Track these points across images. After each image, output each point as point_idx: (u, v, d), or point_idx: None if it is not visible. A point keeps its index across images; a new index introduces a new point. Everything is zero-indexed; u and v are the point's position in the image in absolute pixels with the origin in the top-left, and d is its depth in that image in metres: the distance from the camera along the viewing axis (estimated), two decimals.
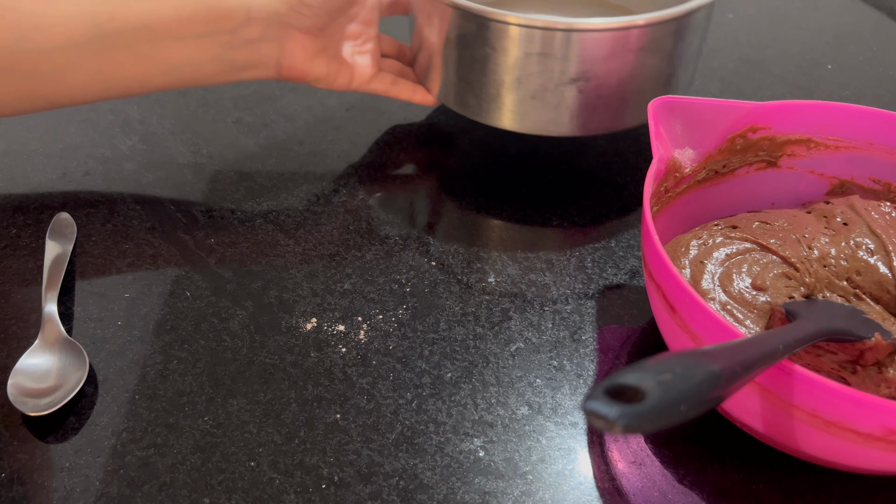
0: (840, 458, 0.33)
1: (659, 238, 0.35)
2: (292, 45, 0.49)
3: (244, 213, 0.52)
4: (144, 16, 0.45)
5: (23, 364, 0.39)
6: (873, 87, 0.71)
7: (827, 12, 0.85)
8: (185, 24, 0.45)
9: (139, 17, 0.45)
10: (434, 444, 0.38)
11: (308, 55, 0.50)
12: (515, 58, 0.49)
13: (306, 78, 0.51)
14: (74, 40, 0.44)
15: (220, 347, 0.42)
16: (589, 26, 0.47)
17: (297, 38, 0.49)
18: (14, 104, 0.46)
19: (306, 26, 0.48)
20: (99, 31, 0.44)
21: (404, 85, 0.57)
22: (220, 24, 0.46)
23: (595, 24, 0.47)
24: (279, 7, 0.47)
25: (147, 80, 0.47)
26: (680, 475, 0.37)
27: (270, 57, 0.49)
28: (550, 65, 0.49)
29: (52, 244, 0.47)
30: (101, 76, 0.46)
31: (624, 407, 0.21)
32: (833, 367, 0.36)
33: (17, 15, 0.43)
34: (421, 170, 0.57)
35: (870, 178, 0.46)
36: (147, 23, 0.45)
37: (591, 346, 0.43)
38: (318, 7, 0.48)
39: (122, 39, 0.45)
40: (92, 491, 0.35)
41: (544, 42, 0.48)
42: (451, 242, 0.50)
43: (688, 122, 0.43)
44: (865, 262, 0.40)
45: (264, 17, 0.47)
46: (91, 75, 0.46)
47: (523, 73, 0.50)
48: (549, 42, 0.48)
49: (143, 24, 0.45)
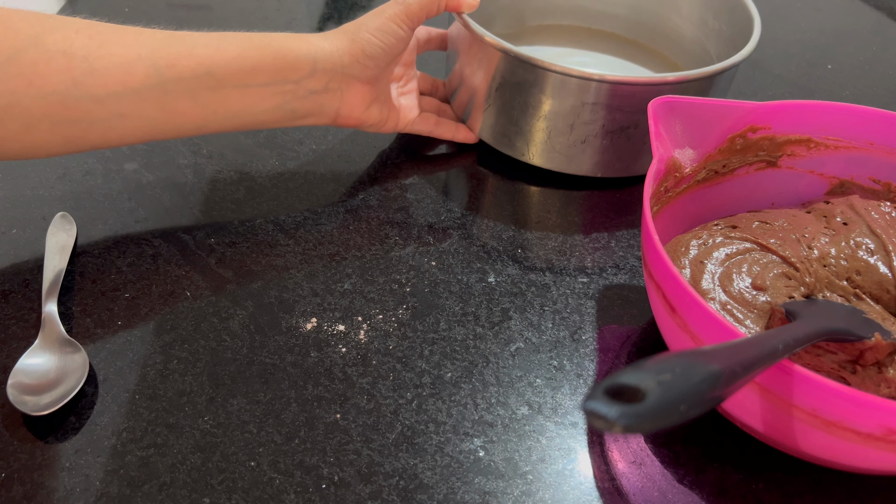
0: (840, 458, 0.33)
1: (659, 238, 0.35)
2: (352, 95, 0.48)
3: (244, 213, 0.52)
4: (207, 63, 0.43)
5: (23, 364, 0.39)
6: (873, 87, 0.71)
7: (827, 12, 0.85)
8: (248, 72, 0.44)
9: (201, 64, 0.42)
10: (434, 444, 0.38)
11: (365, 104, 0.49)
12: (571, 106, 0.50)
13: (361, 126, 0.51)
14: (131, 87, 0.41)
15: (220, 347, 0.42)
16: (642, 80, 0.49)
17: (357, 88, 0.48)
18: (58, 149, 0.43)
19: (367, 77, 0.48)
20: (159, 78, 0.41)
21: (447, 125, 0.57)
22: (285, 74, 0.45)
23: (650, 79, 0.49)
24: (343, 58, 0.46)
25: (203, 125, 0.45)
26: (680, 475, 0.37)
27: (330, 107, 0.48)
28: (604, 113, 0.50)
29: (52, 244, 0.47)
30: (156, 122, 0.43)
31: (624, 407, 0.21)
32: (833, 367, 0.36)
33: (69, 60, 0.39)
34: (421, 170, 0.57)
35: (870, 178, 0.46)
36: (210, 70, 0.43)
37: (591, 346, 0.43)
38: (380, 59, 0.48)
39: (183, 87, 0.42)
40: (92, 491, 0.35)
41: (599, 93, 0.49)
42: (452, 242, 0.50)
43: (688, 122, 0.43)
44: (865, 262, 0.40)
45: (329, 68, 0.46)
46: (145, 121, 0.43)
47: (577, 121, 0.51)
48: (604, 93, 0.49)
49: (205, 72, 0.43)
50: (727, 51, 0.54)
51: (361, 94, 0.49)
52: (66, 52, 0.39)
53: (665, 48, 0.66)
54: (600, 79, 0.48)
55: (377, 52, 0.47)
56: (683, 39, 0.64)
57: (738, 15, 0.57)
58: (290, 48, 0.45)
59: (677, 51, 0.65)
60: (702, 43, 0.62)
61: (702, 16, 0.62)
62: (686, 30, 0.64)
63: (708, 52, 0.61)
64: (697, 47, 0.63)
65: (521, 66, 0.50)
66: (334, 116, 0.49)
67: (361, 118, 0.50)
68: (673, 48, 0.65)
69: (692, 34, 0.63)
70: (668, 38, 0.66)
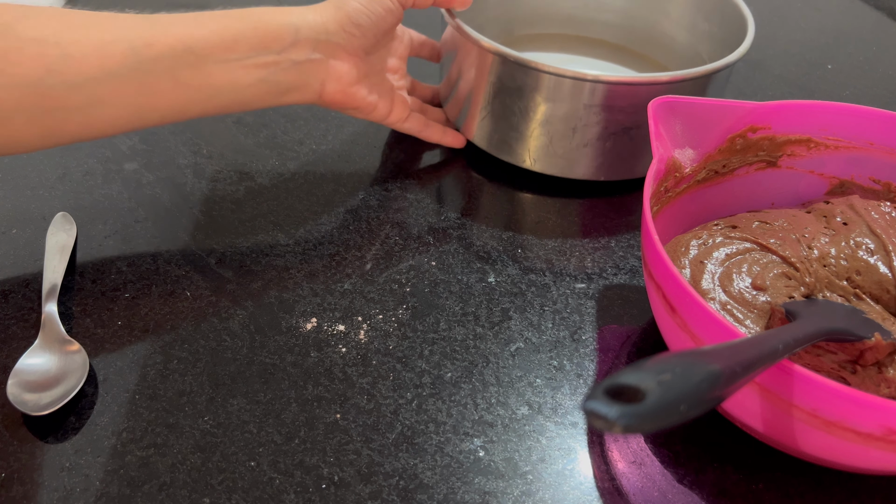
0: (840, 458, 0.33)
1: (659, 238, 0.35)
2: (338, 66, 0.47)
3: (244, 213, 0.52)
4: (186, 39, 0.41)
5: (23, 364, 0.39)
6: (873, 87, 0.71)
7: (827, 12, 0.85)
8: (229, 46, 0.43)
9: (180, 40, 0.41)
10: (434, 444, 0.38)
11: (352, 78, 0.48)
12: (572, 108, 0.50)
13: (348, 102, 0.49)
14: (108, 70, 0.40)
15: (220, 347, 0.42)
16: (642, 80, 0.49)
17: (343, 58, 0.47)
18: (36, 142, 0.41)
19: (354, 47, 0.47)
20: (137, 59, 0.40)
21: (435, 128, 0.57)
22: (267, 44, 0.44)
23: (649, 78, 0.49)
24: (328, 25, 0.46)
25: (185, 107, 0.44)
26: (680, 475, 0.37)
27: (315, 78, 0.47)
28: (605, 115, 0.50)
29: (52, 244, 0.47)
30: (137, 107, 0.42)
31: (624, 407, 0.21)
32: (833, 367, 0.36)
33: (41, 46, 0.38)
34: (421, 170, 0.57)
35: (870, 178, 0.46)
36: (189, 46, 0.41)
37: (591, 346, 0.43)
38: (367, 27, 0.47)
39: (162, 66, 0.41)
40: (92, 491, 0.35)
41: (599, 94, 0.49)
42: (452, 242, 0.50)
43: (688, 122, 0.43)
44: (865, 262, 0.40)
45: (312, 36, 0.45)
46: (126, 107, 0.42)
47: (579, 124, 0.51)
48: (603, 94, 0.49)
49: (185, 49, 0.41)
50: (720, 52, 0.54)
51: (348, 65, 0.47)
52: (37, 39, 0.38)
53: (656, 53, 0.66)
54: (597, 80, 0.48)
55: (364, 21, 0.47)
56: (674, 43, 0.64)
57: (729, 15, 0.57)
58: (270, 18, 0.44)
59: (669, 55, 0.65)
60: (693, 46, 0.62)
61: (692, 19, 0.62)
62: (677, 34, 0.64)
63: (700, 54, 0.61)
64: (689, 51, 0.62)
65: (520, 70, 0.50)
66: (320, 90, 0.48)
67: (348, 93, 0.48)
68: (664, 53, 0.65)
69: (683, 38, 0.63)
70: (658, 43, 0.65)
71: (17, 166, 0.55)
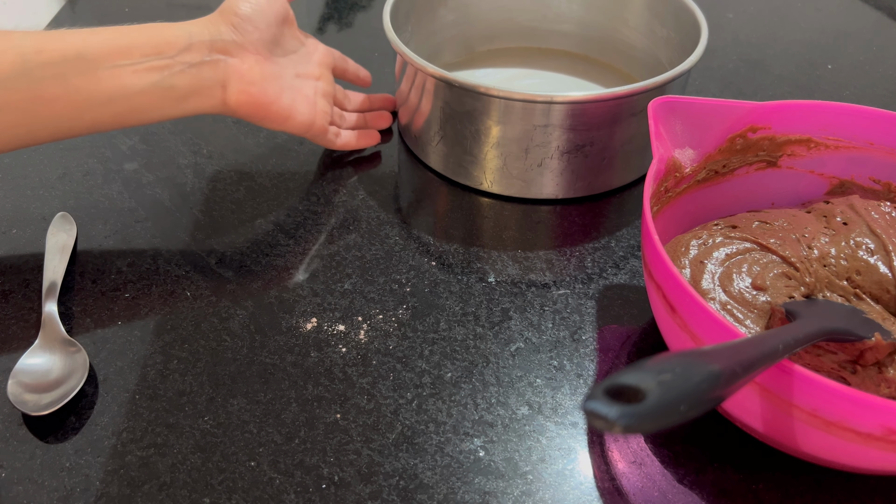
0: (840, 458, 0.33)
1: (659, 238, 0.35)
2: (239, 63, 0.46)
3: (244, 213, 0.52)
4: (78, 46, 0.42)
5: (23, 364, 0.39)
6: (873, 87, 0.71)
7: (827, 12, 0.85)
8: (122, 52, 0.43)
9: (72, 46, 0.42)
10: (434, 444, 0.38)
11: (256, 75, 0.47)
12: (523, 130, 0.50)
13: (258, 104, 0.48)
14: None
15: (220, 347, 0.42)
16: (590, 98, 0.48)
17: (244, 56, 0.47)
18: None
19: (253, 43, 0.47)
20: (26, 66, 0.40)
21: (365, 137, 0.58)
22: (160, 50, 0.44)
23: (599, 95, 0.48)
24: (219, 27, 0.46)
25: (78, 115, 0.43)
26: (680, 475, 0.37)
27: (214, 80, 0.46)
28: (557, 134, 0.50)
29: (52, 244, 0.47)
30: (27, 114, 0.42)
31: (624, 407, 0.21)
32: (833, 367, 0.36)
33: None
34: (421, 171, 0.57)
35: (870, 178, 0.46)
36: (81, 52, 0.42)
37: (591, 346, 0.43)
38: (255, 19, 0.47)
39: (52, 72, 0.41)
40: (92, 491, 0.35)
41: (549, 114, 0.48)
42: (451, 242, 0.50)
43: (688, 122, 0.43)
44: (865, 262, 0.40)
45: (207, 38, 0.45)
46: (16, 114, 0.41)
47: (531, 144, 0.50)
48: (554, 114, 0.48)
49: (76, 55, 0.42)
50: (678, 57, 0.54)
51: (249, 63, 0.47)
52: None
53: (617, 60, 0.66)
54: (547, 100, 0.48)
55: (248, 11, 0.47)
56: (634, 50, 0.64)
57: (683, 20, 0.57)
58: (166, 27, 0.45)
59: (629, 62, 0.65)
60: (653, 52, 0.62)
61: (649, 24, 0.61)
62: (635, 40, 0.63)
63: (660, 60, 0.61)
64: (649, 57, 0.62)
65: (466, 94, 0.49)
66: (223, 95, 0.46)
67: (256, 95, 0.47)
68: (624, 60, 0.65)
69: (642, 44, 0.63)
70: (618, 50, 0.65)
71: (17, 166, 0.55)
